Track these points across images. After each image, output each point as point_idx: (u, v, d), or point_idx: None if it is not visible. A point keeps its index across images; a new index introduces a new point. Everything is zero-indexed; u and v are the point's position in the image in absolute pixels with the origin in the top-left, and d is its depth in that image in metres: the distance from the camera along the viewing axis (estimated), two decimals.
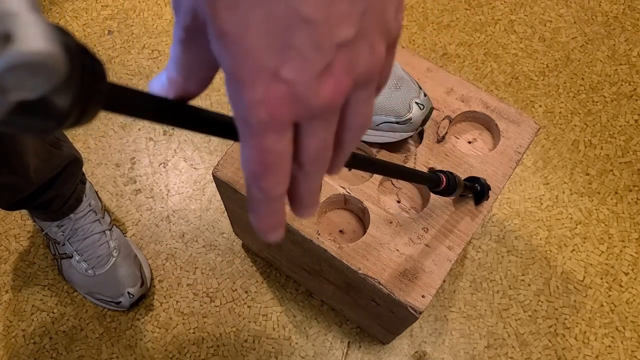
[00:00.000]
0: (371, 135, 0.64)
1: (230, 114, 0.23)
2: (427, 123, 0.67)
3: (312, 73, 0.20)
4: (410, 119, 0.61)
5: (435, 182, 0.50)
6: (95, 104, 0.20)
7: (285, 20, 0.19)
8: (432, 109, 0.63)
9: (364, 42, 0.21)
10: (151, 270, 0.91)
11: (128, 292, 0.84)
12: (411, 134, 0.63)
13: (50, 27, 0.17)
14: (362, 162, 0.39)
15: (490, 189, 0.61)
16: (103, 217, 0.89)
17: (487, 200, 0.61)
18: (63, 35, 0.18)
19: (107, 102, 0.21)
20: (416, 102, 0.61)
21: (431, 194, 0.62)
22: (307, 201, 0.25)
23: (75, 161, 0.82)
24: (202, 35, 0.22)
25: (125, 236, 0.92)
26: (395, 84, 0.62)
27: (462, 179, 0.61)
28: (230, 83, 0.21)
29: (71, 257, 0.86)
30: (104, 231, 0.87)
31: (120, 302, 0.84)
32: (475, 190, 0.60)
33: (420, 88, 0.63)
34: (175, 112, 0.24)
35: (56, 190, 0.79)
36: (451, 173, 0.52)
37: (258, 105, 0.20)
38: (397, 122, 0.61)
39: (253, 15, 0.19)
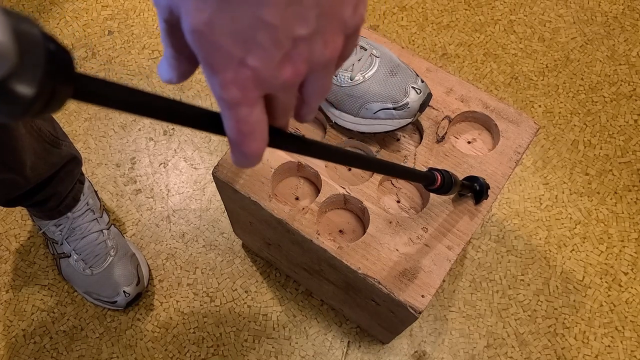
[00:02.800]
0: (369, 125, 0.63)
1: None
2: (427, 123, 0.67)
3: (272, 61, 0.25)
4: (407, 103, 0.61)
5: (429, 179, 0.50)
6: (63, 92, 0.20)
7: (249, 22, 0.23)
8: (429, 94, 0.62)
9: (319, 37, 0.26)
10: (150, 269, 0.91)
11: (124, 291, 0.84)
12: (409, 120, 0.62)
13: (3, 14, 0.17)
14: (357, 160, 0.39)
15: (489, 188, 0.61)
16: (101, 217, 0.89)
17: (486, 199, 0.61)
18: (23, 23, 0.18)
19: (76, 91, 0.21)
20: (413, 87, 0.61)
21: (431, 193, 0.62)
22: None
23: (73, 160, 0.82)
24: (179, 27, 0.26)
25: (124, 236, 0.92)
26: (391, 71, 0.62)
27: (462, 178, 0.61)
28: (204, 68, 0.25)
29: (69, 256, 0.86)
30: (101, 230, 0.87)
31: (116, 301, 0.85)
32: (475, 190, 0.60)
33: (418, 75, 0.63)
34: (144, 102, 0.24)
35: (53, 189, 0.79)
36: (447, 172, 0.52)
37: (229, 85, 0.25)
38: (394, 108, 0.61)
39: (219, 19, 0.23)
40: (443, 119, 0.67)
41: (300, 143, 0.33)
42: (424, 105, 0.62)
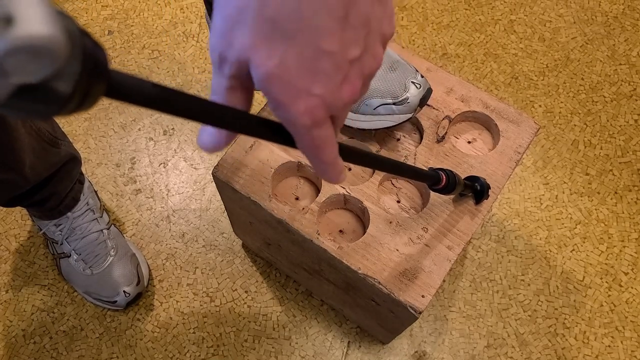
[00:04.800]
0: (369, 121, 0.63)
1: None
2: (427, 123, 0.67)
3: (335, 85, 0.28)
4: (407, 98, 0.60)
5: (435, 179, 0.50)
6: (98, 90, 0.20)
7: (312, 54, 0.26)
8: (429, 89, 0.62)
9: (369, 53, 0.29)
10: (150, 269, 0.91)
11: (124, 291, 0.84)
12: (409, 115, 0.62)
13: (52, 10, 0.16)
14: (363, 158, 0.39)
15: (490, 188, 0.61)
16: (101, 216, 0.89)
17: (487, 199, 0.61)
18: (65, 20, 0.18)
19: (110, 89, 0.21)
20: (412, 82, 0.61)
21: (431, 193, 0.62)
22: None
23: (73, 160, 0.82)
24: (245, 78, 0.28)
25: (124, 236, 0.92)
26: (391, 66, 0.62)
27: (463, 178, 0.61)
28: (276, 103, 0.28)
29: (69, 256, 0.86)
30: (101, 230, 0.87)
31: (116, 301, 0.84)
32: (475, 190, 0.60)
33: (417, 71, 0.63)
34: (178, 101, 0.24)
35: (52, 188, 0.79)
36: (451, 171, 0.52)
37: (302, 115, 0.28)
38: (394, 104, 0.61)
39: (288, 58, 0.26)
40: (443, 118, 0.67)
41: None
42: (424, 100, 0.62)
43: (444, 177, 0.51)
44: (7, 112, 0.18)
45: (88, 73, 0.19)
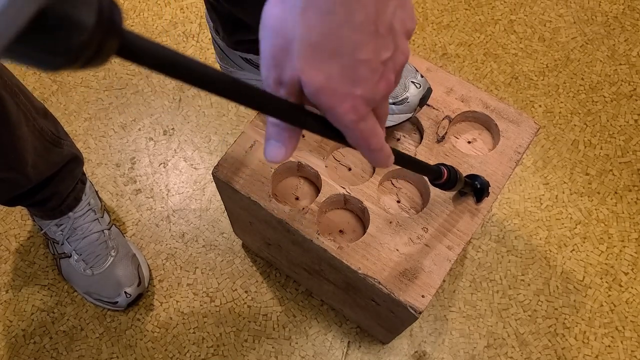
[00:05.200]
0: None
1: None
2: (427, 123, 0.67)
3: (373, 84, 0.33)
4: (406, 98, 0.61)
5: (436, 173, 0.50)
6: (110, 46, 0.20)
7: (351, 65, 0.31)
8: (429, 89, 0.62)
9: (398, 51, 0.33)
10: (150, 269, 0.91)
11: (125, 292, 0.84)
12: (409, 115, 0.62)
13: None
14: None
15: (489, 186, 0.61)
16: (102, 217, 0.89)
17: (487, 197, 0.61)
18: None
19: (122, 47, 0.21)
20: (412, 82, 0.61)
21: (431, 193, 0.62)
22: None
23: (75, 160, 0.82)
24: (298, 94, 0.33)
25: (124, 236, 0.92)
26: None
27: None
28: (326, 108, 0.33)
29: (70, 256, 0.86)
30: (102, 230, 0.87)
31: (117, 302, 0.84)
32: (475, 188, 0.60)
33: (417, 71, 0.63)
34: (187, 69, 0.24)
35: (54, 188, 0.79)
36: (452, 167, 0.52)
37: (348, 113, 0.33)
38: (394, 103, 0.61)
39: (332, 71, 0.31)
40: (443, 118, 0.67)
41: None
42: (424, 100, 0.62)
43: (446, 172, 0.51)
44: (18, 59, 0.18)
45: (102, 27, 0.19)
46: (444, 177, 0.51)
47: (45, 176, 0.76)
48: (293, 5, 0.30)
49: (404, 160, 0.44)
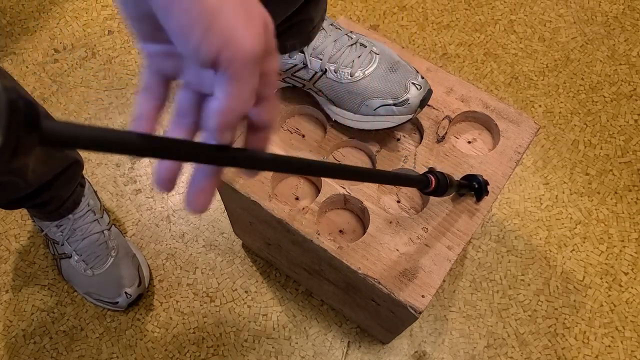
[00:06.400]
0: (369, 122, 0.63)
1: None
2: (427, 123, 0.67)
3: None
4: (407, 99, 0.61)
5: (423, 183, 0.50)
6: (29, 143, 0.21)
7: None
8: (430, 90, 0.62)
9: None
10: (150, 270, 0.91)
11: (125, 292, 0.84)
12: (409, 116, 0.62)
13: None
14: (347, 173, 0.39)
15: (488, 184, 0.61)
16: (102, 217, 0.89)
17: (487, 195, 0.61)
18: None
19: (44, 139, 0.21)
20: (413, 83, 0.61)
21: None
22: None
23: (75, 163, 0.81)
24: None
25: (124, 236, 0.92)
26: (391, 67, 0.62)
27: (460, 178, 0.61)
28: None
29: (70, 257, 0.86)
30: (102, 231, 0.87)
31: (118, 302, 0.84)
32: (474, 188, 0.60)
33: (417, 72, 0.63)
34: (118, 141, 0.25)
35: (54, 192, 0.79)
36: (442, 173, 0.52)
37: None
38: (394, 104, 0.61)
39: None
40: (443, 118, 0.67)
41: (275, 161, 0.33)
42: (424, 101, 0.62)
43: (434, 180, 0.51)
44: None
45: (15, 127, 0.19)
46: (432, 185, 0.51)
47: (44, 180, 0.76)
48: None
49: (386, 178, 0.44)
